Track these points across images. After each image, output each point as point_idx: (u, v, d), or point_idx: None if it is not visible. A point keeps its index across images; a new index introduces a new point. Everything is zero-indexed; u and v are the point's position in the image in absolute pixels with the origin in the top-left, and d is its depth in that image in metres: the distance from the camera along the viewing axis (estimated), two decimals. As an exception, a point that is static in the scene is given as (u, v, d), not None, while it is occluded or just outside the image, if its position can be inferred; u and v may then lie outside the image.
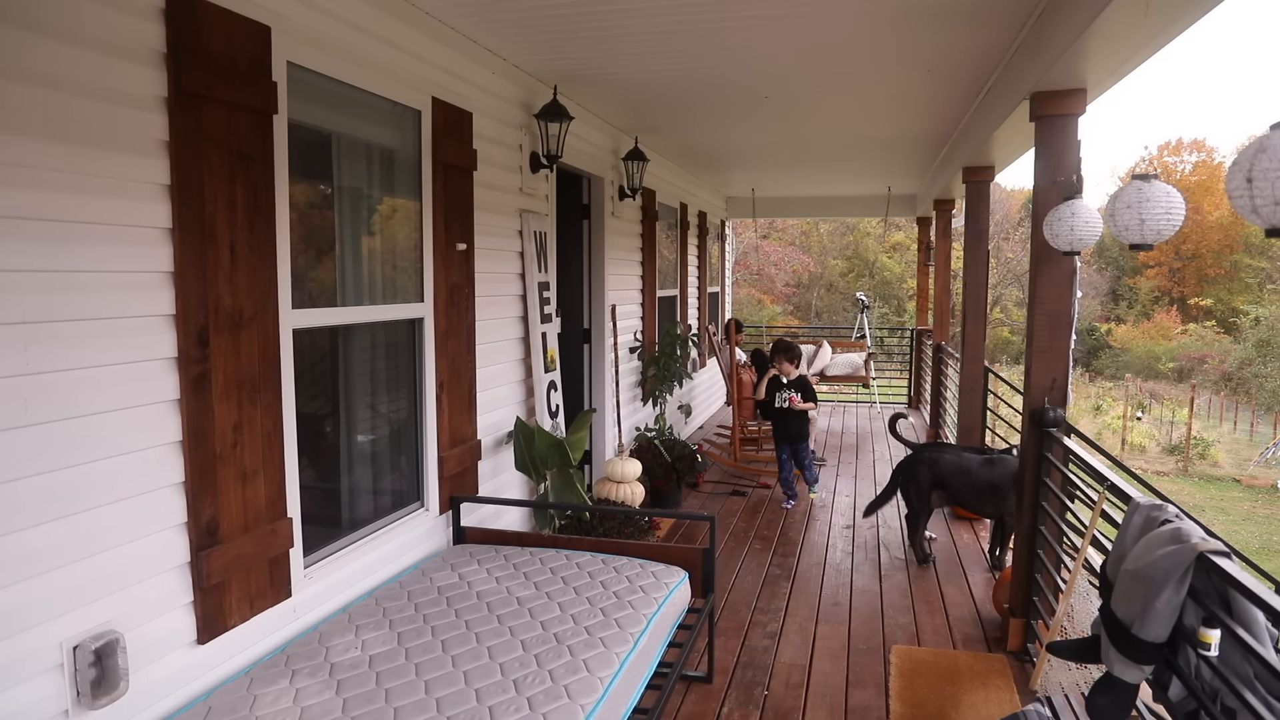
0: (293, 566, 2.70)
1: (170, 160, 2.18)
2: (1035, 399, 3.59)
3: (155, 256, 2.17)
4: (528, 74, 4.43)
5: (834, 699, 3.33)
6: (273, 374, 2.57)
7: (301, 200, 2.86)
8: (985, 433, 6.13)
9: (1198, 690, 2.05)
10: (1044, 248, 3.42)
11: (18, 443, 1.84)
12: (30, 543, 1.88)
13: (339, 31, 2.89)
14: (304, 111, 2.79)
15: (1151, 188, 2.75)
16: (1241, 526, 14.69)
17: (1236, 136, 48.09)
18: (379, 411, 3.51)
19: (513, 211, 4.41)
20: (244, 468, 2.46)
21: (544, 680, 2.39)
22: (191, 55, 2.22)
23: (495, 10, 3.41)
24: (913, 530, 4.97)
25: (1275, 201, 1.45)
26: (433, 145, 3.53)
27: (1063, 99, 3.46)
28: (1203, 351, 28.23)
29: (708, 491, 6.54)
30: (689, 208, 8.76)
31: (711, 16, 3.49)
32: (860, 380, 9.95)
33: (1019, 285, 27.21)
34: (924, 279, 10.67)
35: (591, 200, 5.97)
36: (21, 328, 1.85)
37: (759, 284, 27.90)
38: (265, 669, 2.43)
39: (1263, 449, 19.25)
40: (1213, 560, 1.96)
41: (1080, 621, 3.00)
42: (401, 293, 3.48)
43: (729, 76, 4.54)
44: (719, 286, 11.00)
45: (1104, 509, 2.89)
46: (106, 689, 2.02)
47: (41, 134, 1.87)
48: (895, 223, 21.44)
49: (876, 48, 3.97)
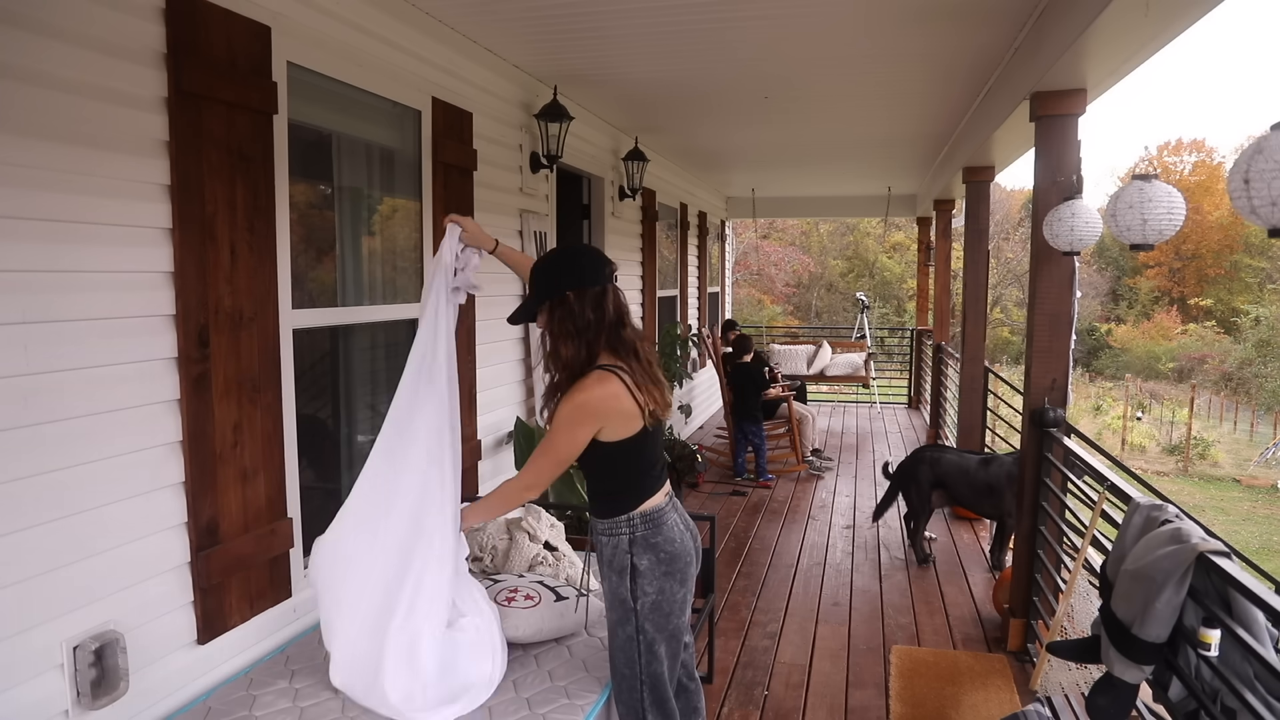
0: (293, 567, 2.70)
1: (170, 160, 2.18)
2: (1035, 399, 3.59)
3: (155, 256, 2.17)
4: (528, 74, 4.43)
5: (834, 699, 3.33)
6: (273, 374, 2.57)
7: (302, 200, 2.86)
8: (985, 433, 6.14)
9: (1198, 690, 2.05)
10: (1044, 248, 3.42)
11: (18, 443, 1.84)
12: (30, 543, 1.88)
13: (339, 31, 2.89)
14: (304, 111, 2.79)
15: (1153, 188, 2.74)
16: (1241, 526, 14.69)
17: (1236, 137, 48.08)
18: (379, 412, 3.51)
19: (513, 211, 4.41)
20: (244, 468, 2.46)
21: (543, 680, 2.39)
22: (191, 55, 2.22)
23: (495, 10, 3.41)
24: (913, 530, 4.98)
25: (1272, 202, 1.45)
26: (433, 145, 3.53)
27: (1063, 99, 3.46)
28: (1203, 351, 28.22)
29: (707, 491, 6.54)
30: (689, 208, 8.76)
31: (711, 16, 3.49)
32: (860, 380, 9.96)
33: (1019, 285, 27.21)
34: (924, 279, 10.67)
35: (591, 200, 5.98)
36: (21, 328, 1.85)
37: (759, 284, 27.91)
38: (265, 669, 2.43)
39: (1263, 449, 19.24)
40: (1213, 560, 1.96)
41: (1080, 621, 3.00)
42: (401, 293, 3.48)
43: (729, 77, 4.54)
44: (719, 286, 11.00)
45: (1104, 509, 2.89)
46: (107, 689, 2.02)
47: (41, 134, 1.87)
48: (895, 223, 21.45)
49: (876, 48, 3.97)
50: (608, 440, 2.06)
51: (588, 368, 2.05)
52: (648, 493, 2.13)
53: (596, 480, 2.16)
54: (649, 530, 2.10)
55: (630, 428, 2.07)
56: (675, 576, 2.13)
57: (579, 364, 2.06)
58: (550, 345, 2.11)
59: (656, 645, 2.12)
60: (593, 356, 2.06)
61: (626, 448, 2.08)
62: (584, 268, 2.11)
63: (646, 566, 2.09)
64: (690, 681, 2.39)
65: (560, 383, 2.08)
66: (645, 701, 2.14)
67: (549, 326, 2.11)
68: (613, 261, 2.18)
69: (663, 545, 2.11)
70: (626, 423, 2.06)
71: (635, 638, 2.11)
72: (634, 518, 2.10)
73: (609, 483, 2.13)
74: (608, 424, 2.04)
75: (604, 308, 2.07)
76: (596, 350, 2.07)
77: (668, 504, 2.17)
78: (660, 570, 2.10)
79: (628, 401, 2.04)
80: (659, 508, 2.13)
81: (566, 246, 2.23)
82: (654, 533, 2.11)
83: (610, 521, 2.12)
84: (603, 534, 2.14)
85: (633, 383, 2.05)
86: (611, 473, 2.12)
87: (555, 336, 2.09)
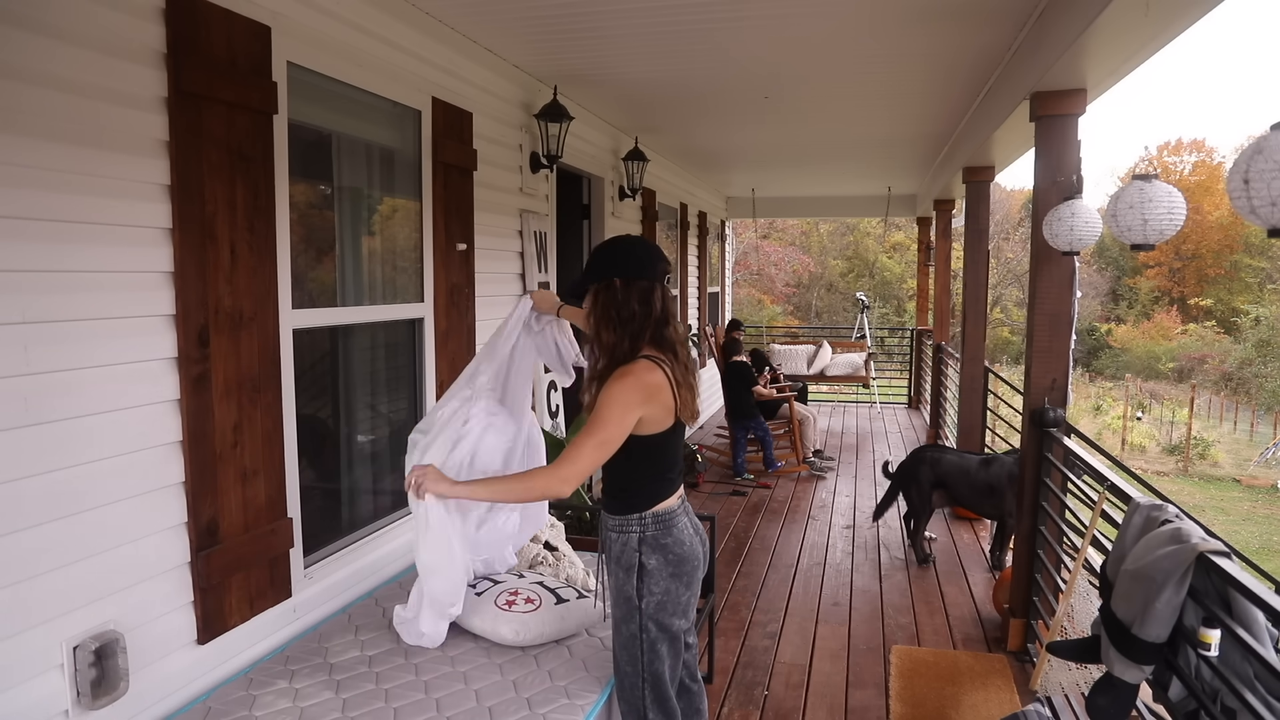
0: (293, 567, 2.70)
1: (170, 160, 2.18)
2: (1035, 399, 3.59)
3: (155, 256, 2.17)
4: (528, 74, 4.43)
5: (834, 699, 3.33)
6: (273, 374, 2.57)
7: (302, 200, 2.86)
8: (985, 433, 6.14)
9: (1198, 690, 2.05)
10: (1044, 248, 3.42)
11: (18, 443, 1.84)
12: (31, 542, 1.88)
13: (339, 31, 2.89)
14: (304, 111, 2.79)
15: (1153, 188, 2.74)
16: (1241, 526, 14.69)
17: (1236, 137, 48.10)
18: (379, 411, 3.52)
19: (513, 211, 4.41)
20: (244, 468, 2.46)
21: (544, 680, 2.39)
22: (191, 55, 2.22)
23: (495, 10, 3.41)
24: (913, 530, 4.98)
25: (1271, 202, 1.45)
26: (433, 145, 3.53)
27: (1063, 99, 3.46)
28: (1203, 351, 28.22)
29: (707, 491, 6.54)
30: (689, 208, 8.76)
31: (711, 16, 3.49)
32: (860, 380, 9.96)
33: (1019, 285, 27.21)
34: (924, 279, 10.67)
35: (591, 200, 5.97)
36: (22, 328, 1.85)
37: (759, 284, 27.90)
38: (265, 669, 2.43)
39: (1263, 449, 19.24)
40: (1213, 560, 1.96)
41: (1080, 621, 3.00)
42: (401, 293, 3.48)
43: (729, 77, 4.54)
44: (719, 286, 11.01)
45: (1104, 509, 2.89)
46: (107, 689, 2.02)
47: (41, 134, 1.87)
48: (895, 223, 21.45)
49: (876, 48, 3.97)
50: (639, 433, 2.05)
51: (630, 357, 2.05)
52: (663, 494, 2.13)
53: (615, 475, 2.15)
54: (659, 531, 2.11)
55: (663, 424, 2.07)
56: (682, 578, 2.13)
57: (620, 352, 2.06)
58: (593, 328, 2.13)
59: (659, 645, 2.12)
60: (636, 348, 2.06)
61: (652, 444, 2.08)
62: (638, 259, 2.11)
63: (654, 566, 2.09)
64: (693, 682, 2.39)
65: (603, 370, 2.08)
66: (646, 699, 2.14)
67: (593, 309, 2.12)
68: (668, 260, 2.18)
69: (672, 547, 2.11)
70: (663, 418, 2.07)
71: (639, 636, 2.11)
72: (645, 517, 2.10)
73: (627, 479, 2.13)
74: (649, 412, 2.03)
75: (651, 303, 2.08)
76: (641, 344, 2.07)
77: (680, 507, 2.17)
78: (668, 571, 2.10)
79: (669, 396, 2.05)
80: (671, 510, 2.13)
81: (625, 236, 2.23)
82: (664, 533, 2.11)
83: (621, 519, 2.12)
84: (613, 530, 2.15)
85: (674, 379, 2.06)
86: (632, 468, 2.12)
87: (598, 320, 2.10)
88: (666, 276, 2.14)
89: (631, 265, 2.09)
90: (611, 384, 2.02)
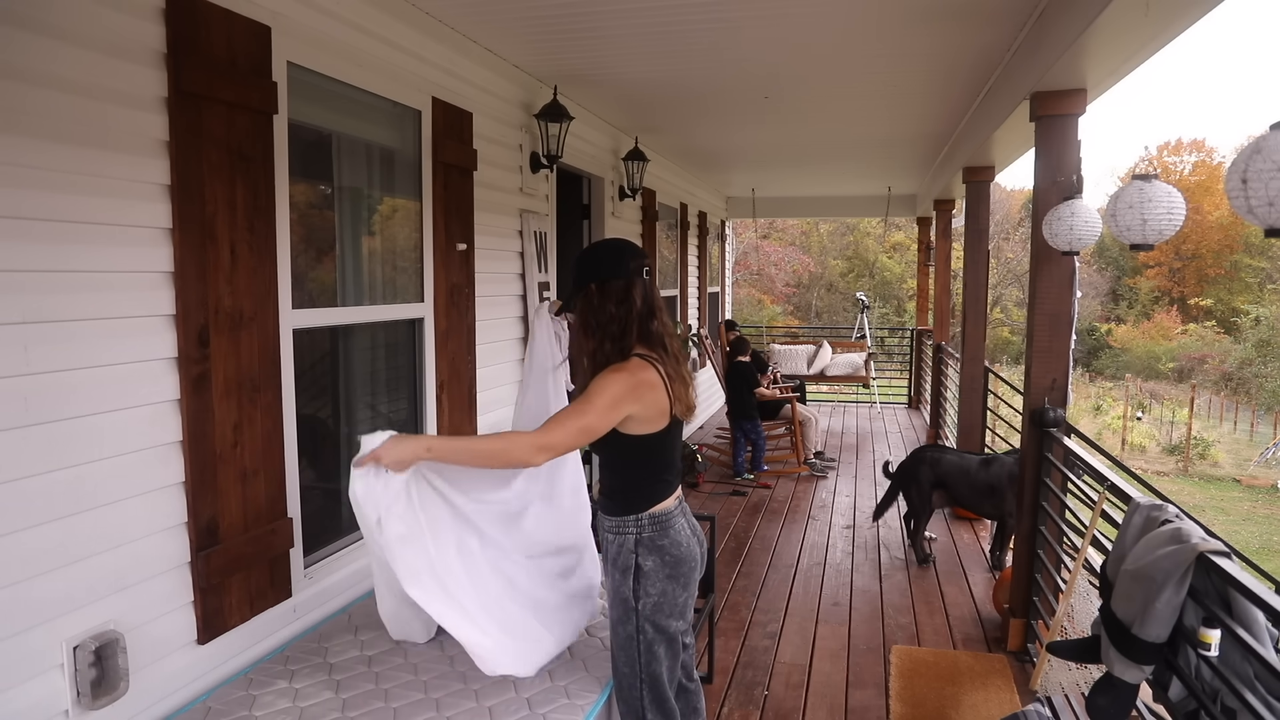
0: (293, 566, 2.70)
1: (170, 160, 2.18)
2: (1035, 399, 3.59)
3: (155, 256, 2.17)
4: (528, 74, 4.43)
5: (834, 699, 3.33)
6: (273, 374, 2.57)
7: (302, 200, 2.86)
8: (985, 433, 6.14)
9: (1198, 690, 2.05)
10: (1044, 248, 3.43)
11: (18, 443, 1.84)
12: (31, 542, 1.88)
13: (339, 31, 2.89)
14: (304, 111, 2.79)
15: (1153, 188, 2.75)
16: (1241, 526, 14.69)
17: (1236, 137, 48.09)
18: (379, 411, 3.52)
19: (513, 211, 4.41)
20: (244, 468, 2.46)
21: (543, 680, 2.39)
22: (191, 55, 2.22)
23: (495, 10, 3.41)
24: (913, 530, 4.98)
25: (1269, 202, 1.45)
26: (433, 145, 3.53)
27: (1063, 99, 3.46)
28: (1203, 351, 28.23)
29: (707, 491, 6.54)
30: (689, 208, 8.76)
31: (711, 16, 3.49)
32: (860, 380, 9.97)
33: (1019, 285, 27.21)
34: (924, 279, 10.67)
35: (591, 200, 5.97)
36: (22, 328, 1.85)
37: (759, 284, 27.91)
38: (265, 669, 2.43)
39: (1263, 449, 19.25)
40: (1213, 560, 1.96)
41: (1080, 621, 3.00)
42: (401, 293, 3.48)
43: (729, 77, 4.54)
44: (719, 286, 11.01)
45: (1104, 509, 2.89)
46: (107, 689, 2.02)
47: (41, 134, 1.87)
48: (895, 223, 21.45)
49: (877, 48, 3.97)
50: (632, 433, 2.05)
51: (621, 356, 2.05)
52: (660, 496, 2.12)
53: (611, 475, 2.15)
54: (656, 532, 2.10)
55: (656, 424, 2.07)
56: (679, 580, 2.13)
57: (603, 355, 2.06)
58: (575, 339, 2.14)
59: (656, 646, 2.12)
60: (623, 348, 2.06)
61: (647, 444, 2.08)
62: (607, 260, 2.10)
63: (651, 568, 2.09)
64: (690, 682, 2.39)
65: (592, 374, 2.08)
66: (644, 700, 2.14)
67: (576, 318, 2.13)
68: (643, 253, 2.16)
69: (669, 548, 2.11)
70: (656, 418, 2.06)
71: (635, 637, 2.11)
72: (642, 519, 2.10)
73: (623, 480, 2.12)
74: (640, 411, 2.03)
75: (630, 300, 2.07)
76: (628, 342, 2.06)
77: (677, 508, 2.17)
78: (664, 573, 2.10)
79: (663, 395, 2.04)
80: (668, 511, 2.13)
81: (597, 241, 2.23)
82: (660, 535, 2.11)
83: (618, 520, 2.12)
84: (609, 531, 2.14)
85: (666, 375, 2.05)
86: (628, 469, 2.11)
87: (578, 329, 2.11)
88: (645, 270, 2.12)
89: (604, 267, 2.09)
90: (605, 374, 2.02)
